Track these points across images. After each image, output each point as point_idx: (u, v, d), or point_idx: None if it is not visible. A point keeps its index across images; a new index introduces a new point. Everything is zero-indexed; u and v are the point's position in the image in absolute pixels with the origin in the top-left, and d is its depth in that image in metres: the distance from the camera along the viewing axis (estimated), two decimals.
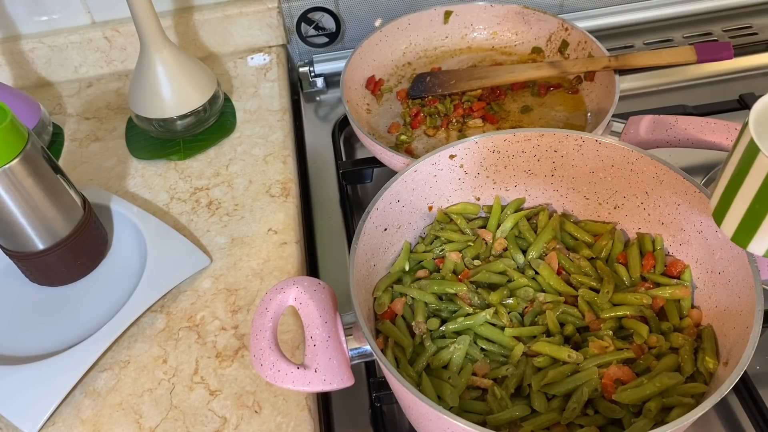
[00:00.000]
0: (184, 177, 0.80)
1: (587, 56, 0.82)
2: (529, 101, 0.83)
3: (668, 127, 0.66)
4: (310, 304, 0.52)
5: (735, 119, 0.66)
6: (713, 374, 0.52)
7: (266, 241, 0.72)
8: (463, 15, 0.90)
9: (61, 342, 0.64)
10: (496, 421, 0.51)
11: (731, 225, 0.43)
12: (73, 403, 0.61)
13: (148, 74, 0.78)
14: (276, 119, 0.86)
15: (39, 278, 0.68)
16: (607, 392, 0.52)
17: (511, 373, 0.54)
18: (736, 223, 0.43)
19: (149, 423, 0.59)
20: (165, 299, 0.68)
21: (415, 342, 0.57)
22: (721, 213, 0.44)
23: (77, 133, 0.88)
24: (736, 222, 0.43)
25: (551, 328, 0.56)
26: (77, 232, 0.65)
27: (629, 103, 0.87)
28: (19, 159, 0.58)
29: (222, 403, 0.60)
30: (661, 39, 0.97)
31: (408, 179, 0.62)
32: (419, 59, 0.91)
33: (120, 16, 0.93)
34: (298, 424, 0.58)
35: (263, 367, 0.50)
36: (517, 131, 0.63)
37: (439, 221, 0.66)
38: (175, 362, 0.63)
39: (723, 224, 0.45)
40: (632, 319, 0.56)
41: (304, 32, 0.95)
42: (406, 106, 0.84)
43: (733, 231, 0.44)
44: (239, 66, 0.95)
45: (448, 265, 0.62)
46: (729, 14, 0.99)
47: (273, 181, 0.79)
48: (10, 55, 0.92)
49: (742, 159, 0.40)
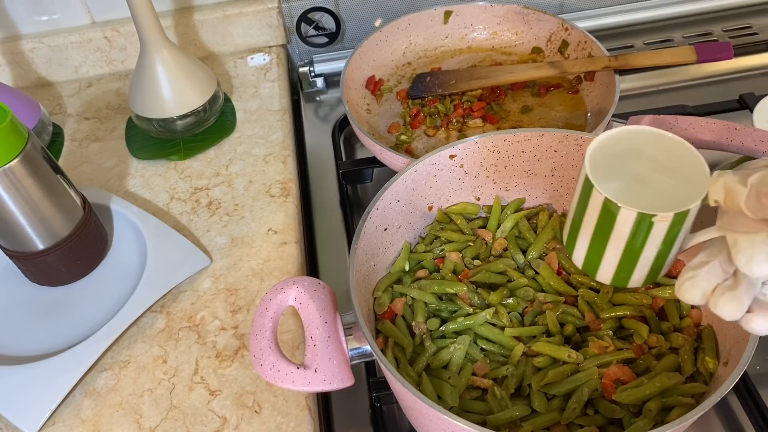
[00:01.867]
0: (184, 177, 0.80)
1: (587, 56, 0.82)
2: (529, 101, 0.83)
3: (668, 127, 0.66)
4: (310, 304, 0.52)
5: (735, 119, 0.66)
6: (713, 374, 0.52)
7: (266, 241, 0.72)
8: (463, 15, 0.90)
9: (61, 342, 0.64)
10: (496, 421, 0.51)
11: (580, 256, 0.44)
12: (73, 403, 0.61)
13: (148, 74, 0.78)
14: (276, 119, 0.86)
15: (39, 278, 0.68)
16: (607, 392, 0.52)
17: (511, 373, 0.54)
18: (583, 255, 0.44)
19: (149, 423, 0.59)
20: (165, 299, 0.68)
21: (415, 342, 0.57)
22: (571, 244, 0.44)
23: (77, 133, 0.88)
24: (583, 253, 0.44)
25: (551, 328, 0.56)
26: (77, 232, 0.65)
27: (629, 103, 0.87)
28: (19, 159, 0.58)
29: (222, 403, 0.60)
30: (661, 39, 0.97)
31: (408, 179, 0.62)
32: (419, 59, 0.91)
33: (120, 16, 0.93)
34: (298, 424, 0.58)
35: (263, 367, 0.50)
36: (517, 131, 0.63)
37: (439, 221, 0.66)
38: (175, 362, 0.63)
39: (573, 255, 0.45)
40: (632, 319, 0.56)
41: (304, 32, 0.95)
42: (406, 106, 0.84)
43: (582, 262, 0.44)
44: (239, 66, 0.95)
45: (448, 265, 0.62)
46: (729, 14, 0.99)
47: (273, 181, 0.79)
48: (10, 55, 0.92)
49: (581, 194, 0.42)
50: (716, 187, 0.38)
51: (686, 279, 0.39)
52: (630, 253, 0.41)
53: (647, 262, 0.41)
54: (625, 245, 0.40)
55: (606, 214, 0.40)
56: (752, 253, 0.36)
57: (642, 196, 0.41)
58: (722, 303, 0.37)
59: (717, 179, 0.38)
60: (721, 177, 0.38)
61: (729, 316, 0.37)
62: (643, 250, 0.40)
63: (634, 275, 0.43)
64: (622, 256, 0.41)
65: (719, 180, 0.38)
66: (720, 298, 0.38)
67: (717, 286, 0.38)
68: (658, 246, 0.40)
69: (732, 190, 0.37)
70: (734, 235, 0.37)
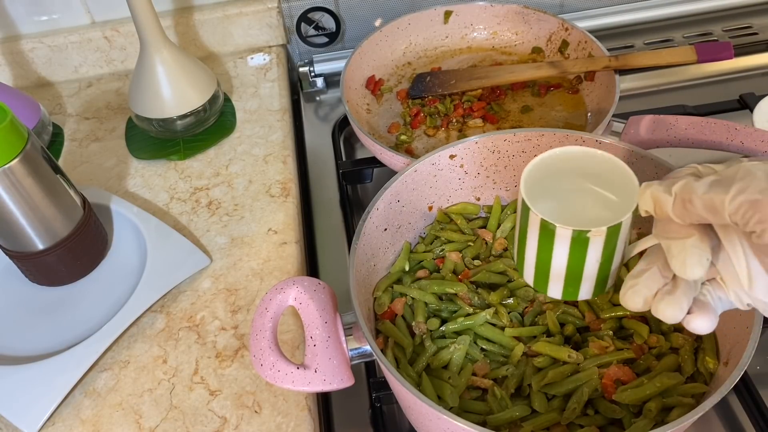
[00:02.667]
0: (184, 177, 0.80)
1: (587, 56, 0.82)
2: (529, 101, 0.83)
3: (668, 127, 0.66)
4: (310, 304, 0.52)
5: (735, 119, 0.66)
6: (713, 374, 0.52)
7: (266, 241, 0.72)
8: (463, 15, 0.90)
9: (61, 342, 0.64)
10: (496, 422, 0.51)
11: (529, 274, 0.45)
12: (73, 403, 0.61)
13: (148, 74, 0.78)
14: (276, 119, 0.86)
15: (39, 278, 0.68)
16: (607, 392, 0.52)
17: (511, 373, 0.54)
18: (532, 273, 0.45)
19: (149, 423, 0.59)
20: (165, 299, 0.68)
21: (415, 342, 0.57)
22: (520, 264, 0.46)
23: (77, 133, 0.88)
24: (531, 272, 0.45)
25: (551, 328, 0.56)
26: (77, 232, 0.65)
27: (629, 103, 0.87)
28: (19, 159, 0.58)
29: (222, 403, 0.60)
30: (661, 39, 0.97)
31: (408, 179, 0.62)
32: (419, 59, 0.91)
33: (120, 16, 0.93)
34: (298, 424, 0.58)
35: (263, 367, 0.50)
36: (517, 131, 0.63)
37: (439, 221, 0.66)
38: (175, 362, 0.63)
39: (524, 275, 0.46)
40: (632, 319, 0.56)
41: (304, 32, 0.95)
42: (406, 106, 0.84)
43: (533, 280, 0.46)
44: (239, 66, 0.95)
45: (448, 265, 0.62)
46: (729, 14, 0.99)
47: (273, 181, 0.79)
48: (10, 55, 0.92)
49: (521, 216, 0.44)
50: (645, 198, 0.40)
51: (628, 288, 0.40)
52: (573, 269, 0.43)
53: (592, 275, 0.43)
54: (567, 261, 0.42)
55: (545, 233, 0.42)
56: (685, 257, 0.37)
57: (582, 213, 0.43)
58: (662, 307, 0.39)
59: (644, 190, 0.40)
60: (648, 188, 0.39)
61: (670, 318, 0.39)
62: (585, 264, 0.42)
63: (582, 289, 0.44)
64: (567, 271, 0.43)
65: (647, 191, 0.39)
66: (660, 303, 0.39)
67: (657, 292, 0.40)
68: (599, 259, 0.42)
69: (659, 199, 0.38)
70: (668, 242, 0.39)
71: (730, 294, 0.39)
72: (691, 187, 0.37)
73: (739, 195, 0.34)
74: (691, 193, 0.37)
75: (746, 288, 0.38)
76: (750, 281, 0.38)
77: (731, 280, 0.39)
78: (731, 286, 0.39)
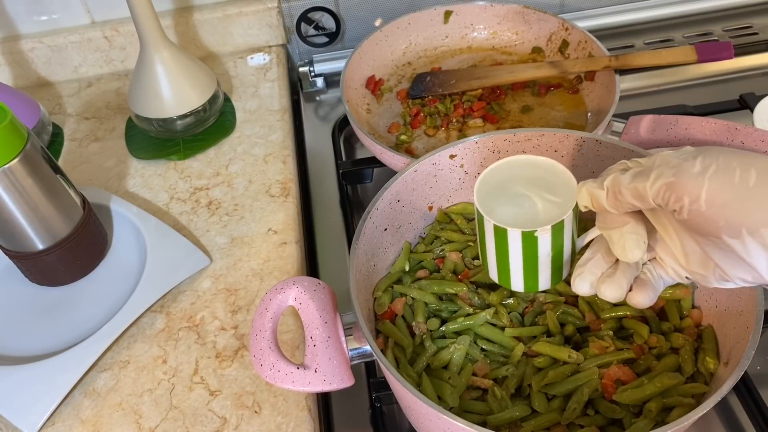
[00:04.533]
0: (183, 177, 0.80)
1: (587, 56, 0.82)
2: (529, 101, 0.83)
3: (668, 127, 0.66)
4: (310, 304, 0.52)
5: (735, 119, 0.66)
6: (713, 374, 0.52)
7: (266, 241, 0.72)
8: (464, 15, 0.90)
9: (61, 342, 0.64)
10: (496, 422, 0.51)
11: (494, 273, 0.50)
12: (73, 403, 0.61)
13: (148, 74, 0.78)
14: (276, 119, 0.86)
15: (39, 278, 0.68)
16: (607, 392, 0.52)
17: (512, 374, 0.54)
18: (495, 271, 0.50)
19: (149, 423, 0.59)
20: (165, 299, 0.68)
21: (415, 342, 0.57)
22: (485, 264, 0.50)
23: (77, 132, 0.88)
24: (495, 270, 0.49)
25: (551, 329, 0.56)
26: (77, 232, 0.65)
27: (629, 103, 0.87)
28: (18, 159, 0.58)
29: (222, 403, 0.60)
30: (662, 39, 0.97)
31: (408, 179, 0.62)
32: (419, 59, 0.91)
33: (120, 16, 0.93)
34: (298, 425, 0.58)
35: (263, 367, 0.50)
36: (518, 131, 0.63)
37: (439, 221, 0.66)
38: (175, 362, 0.63)
39: (490, 273, 0.51)
40: (632, 319, 0.56)
41: (304, 32, 0.95)
42: (406, 106, 0.84)
43: (497, 277, 0.50)
44: (239, 66, 0.95)
45: (448, 265, 0.62)
46: (729, 14, 0.99)
47: (273, 181, 0.78)
48: (10, 55, 0.92)
49: (478, 223, 0.48)
50: (582, 195, 0.44)
51: (576, 275, 0.45)
52: (529, 263, 0.47)
53: (546, 267, 0.47)
54: (522, 258, 0.47)
55: (499, 236, 0.46)
56: (624, 242, 0.42)
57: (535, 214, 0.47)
58: (604, 288, 0.44)
59: (581, 188, 0.44)
60: (584, 186, 0.44)
61: (611, 298, 0.43)
62: (538, 259, 0.47)
63: (540, 280, 0.48)
64: (524, 266, 0.47)
65: (583, 189, 0.44)
66: (602, 285, 0.44)
67: (601, 275, 0.44)
68: (550, 253, 0.46)
69: (594, 194, 0.43)
70: (608, 231, 0.44)
71: (669, 270, 0.43)
72: (619, 180, 0.41)
73: (657, 180, 0.38)
74: (619, 185, 0.41)
75: (683, 263, 0.42)
76: (685, 257, 0.42)
77: (668, 258, 0.43)
78: (669, 264, 0.43)
